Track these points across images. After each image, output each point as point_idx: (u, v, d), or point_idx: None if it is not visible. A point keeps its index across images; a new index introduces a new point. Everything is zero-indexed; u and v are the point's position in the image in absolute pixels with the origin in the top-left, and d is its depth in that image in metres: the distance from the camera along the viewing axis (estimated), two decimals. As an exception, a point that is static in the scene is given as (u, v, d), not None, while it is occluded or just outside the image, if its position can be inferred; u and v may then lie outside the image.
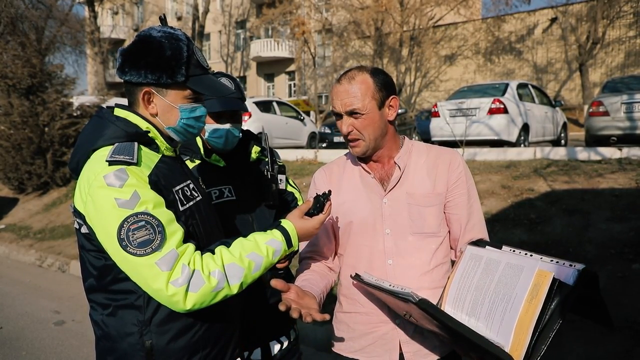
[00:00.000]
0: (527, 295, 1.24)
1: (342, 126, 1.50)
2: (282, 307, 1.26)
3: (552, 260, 1.28)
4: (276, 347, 1.93)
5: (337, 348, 1.63)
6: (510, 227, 4.73)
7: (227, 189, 1.90)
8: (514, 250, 1.39)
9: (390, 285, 1.35)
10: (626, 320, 3.21)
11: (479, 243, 1.49)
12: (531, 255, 1.33)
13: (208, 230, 1.40)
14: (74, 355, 4.01)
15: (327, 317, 1.30)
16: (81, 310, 4.94)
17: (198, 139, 1.93)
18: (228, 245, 1.31)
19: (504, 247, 1.42)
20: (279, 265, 1.84)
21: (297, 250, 1.55)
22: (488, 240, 1.55)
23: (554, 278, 1.22)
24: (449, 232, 1.57)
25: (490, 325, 1.29)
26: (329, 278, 1.61)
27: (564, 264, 1.25)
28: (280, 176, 2.00)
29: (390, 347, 1.51)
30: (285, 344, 1.96)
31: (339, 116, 1.51)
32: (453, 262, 1.56)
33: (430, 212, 1.50)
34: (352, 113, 1.47)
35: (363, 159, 1.58)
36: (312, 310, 1.32)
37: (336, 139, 11.93)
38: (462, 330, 1.24)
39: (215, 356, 1.39)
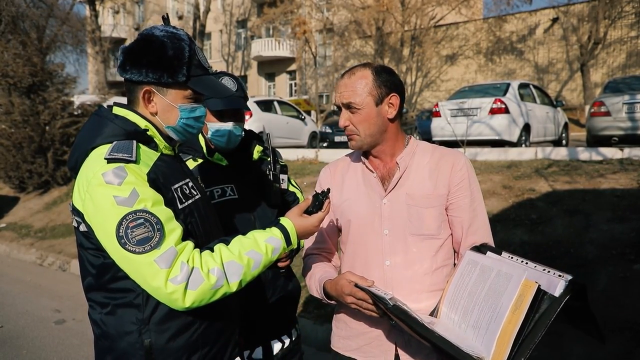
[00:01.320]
0: (512, 306, 1.22)
1: (340, 119, 1.52)
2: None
3: (544, 270, 1.26)
4: (277, 346, 1.92)
5: (336, 346, 1.63)
6: (511, 227, 4.72)
7: (229, 188, 1.89)
8: (511, 257, 1.37)
9: (376, 290, 1.35)
10: (627, 321, 3.20)
11: (481, 248, 1.48)
12: (526, 263, 1.31)
13: (207, 229, 1.40)
14: (75, 354, 4.01)
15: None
16: (82, 309, 4.94)
17: (201, 138, 1.92)
18: (227, 243, 1.30)
19: (503, 254, 1.41)
20: (280, 264, 1.84)
21: (297, 248, 1.55)
22: (492, 244, 1.52)
23: (539, 289, 1.20)
24: (452, 234, 1.55)
25: (477, 333, 1.28)
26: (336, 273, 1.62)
27: (553, 273, 1.23)
28: (282, 176, 2.00)
29: (385, 349, 1.50)
30: (287, 343, 1.95)
31: (339, 109, 1.53)
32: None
33: (429, 213, 1.49)
34: (348, 106, 1.49)
35: (365, 155, 1.59)
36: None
37: (337, 139, 11.91)
38: (433, 339, 1.22)
39: (215, 355, 1.39)
